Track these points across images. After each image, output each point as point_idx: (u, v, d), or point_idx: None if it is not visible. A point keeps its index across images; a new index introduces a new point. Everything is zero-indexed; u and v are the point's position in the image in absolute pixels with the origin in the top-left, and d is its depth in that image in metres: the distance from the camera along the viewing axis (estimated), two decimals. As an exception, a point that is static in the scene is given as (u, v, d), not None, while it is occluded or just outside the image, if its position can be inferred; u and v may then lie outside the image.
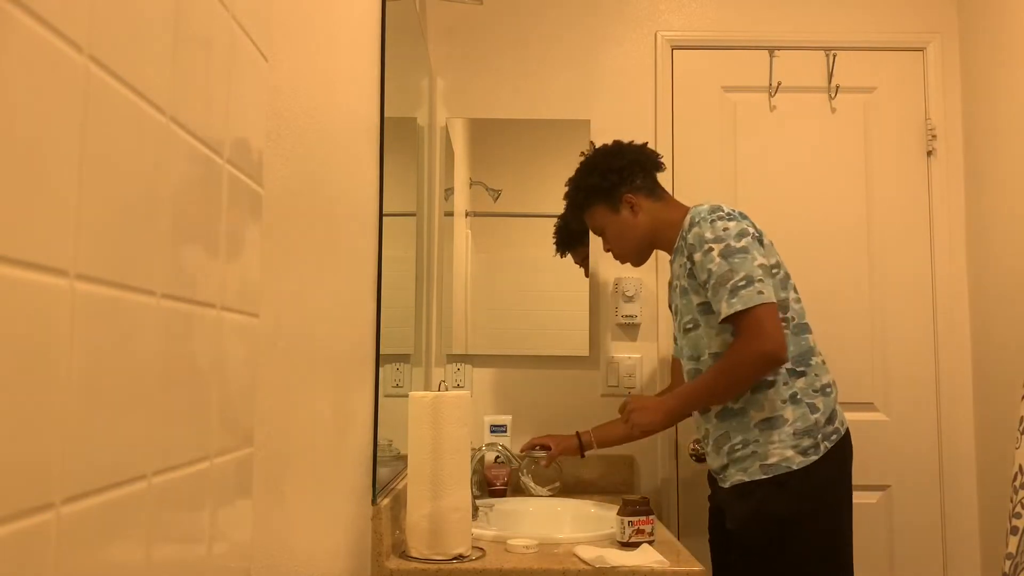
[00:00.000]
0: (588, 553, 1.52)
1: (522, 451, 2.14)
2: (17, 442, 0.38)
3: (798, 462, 1.72)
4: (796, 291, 1.84)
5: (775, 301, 1.71)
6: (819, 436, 1.75)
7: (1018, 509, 1.77)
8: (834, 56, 2.50)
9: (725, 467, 1.82)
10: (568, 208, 2.07)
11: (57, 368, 0.42)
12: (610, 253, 2.04)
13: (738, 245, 1.72)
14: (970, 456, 2.39)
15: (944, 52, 2.50)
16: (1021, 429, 1.80)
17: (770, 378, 1.75)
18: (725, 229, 1.75)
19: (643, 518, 1.65)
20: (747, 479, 1.76)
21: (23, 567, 0.39)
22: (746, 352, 1.70)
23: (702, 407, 1.85)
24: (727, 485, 1.83)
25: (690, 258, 1.79)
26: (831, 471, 1.76)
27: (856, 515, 2.37)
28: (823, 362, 1.83)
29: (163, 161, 0.54)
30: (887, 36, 2.51)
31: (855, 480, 1.84)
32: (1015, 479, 1.80)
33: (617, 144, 2.04)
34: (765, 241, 1.82)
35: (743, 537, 1.78)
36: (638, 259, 2.01)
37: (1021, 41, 2.20)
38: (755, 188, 2.47)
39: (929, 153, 2.48)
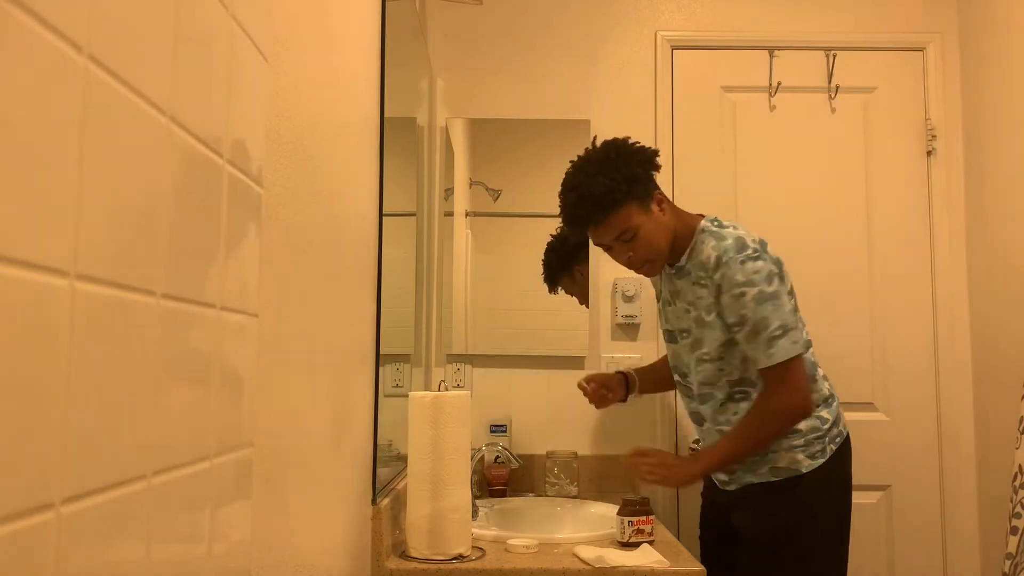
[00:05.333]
0: (588, 553, 1.52)
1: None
2: (17, 442, 0.38)
3: (807, 465, 1.77)
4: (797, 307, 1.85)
5: (805, 350, 1.75)
6: (826, 440, 1.80)
7: (1018, 509, 1.77)
8: (834, 56, 2.50)
9: (732, 471, 1.84)
10: (592, 208, 1.75)
11: (57, 368, 0.42)
12: (625, 263, 1.84)
13: (770, 290, 1.71)
14: (970, 456, 2.39)
15: (944, 52, 2.50)
16: (1021, 429, 1.80)
17: None
18: (756, 272, 1.71)
19: (643, 518, 1.65)
20: (757, 480, 1.80)
21: (23, 567, 0.39)
22: (779, 407, 1.74)
23: (739, 462, 1.81)
24: (735, 487, 1.85)
25: (717, 298, 1.75)
26: (835, 472, 1.81)
27: (856, 515, 2.37)
28: (824, 375, 1.87)
29: (163, 161, 0.54)
30: (887, 36, 2.51)
31: (855, 480, 1.86)
32: (1015, 479, 1.80)
33: (626, 140, 1.83)
34: (784, 270, 1.79)
35: (752, 536, 1.80)
36: (663, 264, 1.85)
37: (1021, 41, 2.20)
38: (755, 188, 2.47)
39: (929, 153, 2.48)
